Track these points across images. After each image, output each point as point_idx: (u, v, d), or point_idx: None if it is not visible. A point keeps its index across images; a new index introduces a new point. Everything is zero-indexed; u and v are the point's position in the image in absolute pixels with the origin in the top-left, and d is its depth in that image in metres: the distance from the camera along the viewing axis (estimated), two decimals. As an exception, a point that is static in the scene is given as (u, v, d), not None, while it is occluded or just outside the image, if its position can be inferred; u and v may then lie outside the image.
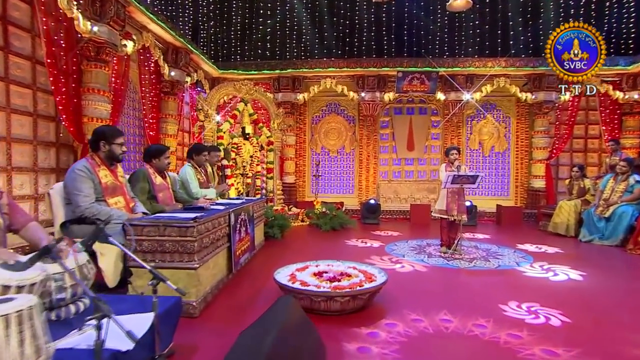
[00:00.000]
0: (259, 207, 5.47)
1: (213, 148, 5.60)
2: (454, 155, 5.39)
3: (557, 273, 4.41)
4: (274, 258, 4.96)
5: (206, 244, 3.09)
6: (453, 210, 5.34)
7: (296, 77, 9.52)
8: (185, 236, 2.83)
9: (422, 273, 4.32)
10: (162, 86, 7.41)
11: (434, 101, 9.78)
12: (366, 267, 3.58)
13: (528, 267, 4.67)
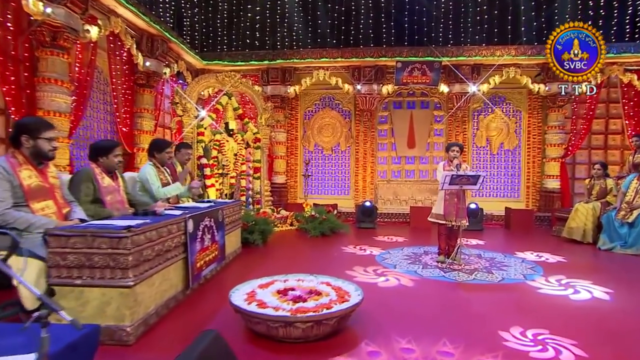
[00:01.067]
0: (234, 210, 5.11)
1: (182, 145, 5.25)
2: (454, 153, 5.00)
3: (577, 290, 3.92)
4: (247, 269, 4.61)
5: (148, 256, 2.74)
6: (452, 214, 4.95)
7: (286, 68, 9.18)
8: (118, 248, 2.48)
9: (409, 288, 3.92)
10: (136, 78, 7.09)
11: (437, 94, 9.39)
12: (342, 282, 3.20)
13: (543, 281, 4.21)
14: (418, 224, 8.21)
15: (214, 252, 4.13)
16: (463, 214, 4.97)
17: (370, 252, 5.71)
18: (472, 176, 4.75)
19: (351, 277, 4.16)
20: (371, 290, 3.71)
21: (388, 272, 4.46)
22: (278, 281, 3.25)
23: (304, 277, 3.38)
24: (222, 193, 7.87)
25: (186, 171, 4.71)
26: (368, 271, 4.48)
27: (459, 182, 4.77)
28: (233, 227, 5.09)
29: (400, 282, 4.11)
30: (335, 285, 3.16)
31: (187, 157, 5.24)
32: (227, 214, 4.76)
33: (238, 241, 5.37)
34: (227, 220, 4.80)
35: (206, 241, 3.89)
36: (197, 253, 3.64)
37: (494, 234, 7.76)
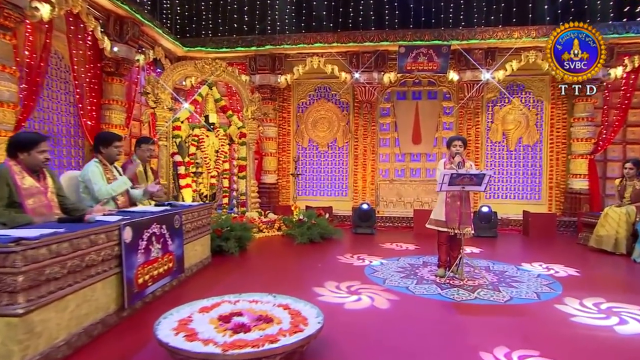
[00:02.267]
0: (199, 215, 4.74)
1: (143, 140, 4.92)
2: (456, 148, 4.57)
3: (624, 319, 3.32)
4: (211, 283, 4.25)
5: (55, 274, 2.37)
6: (454, 220, 4.52)
7: (276, 55, 8.81)
8: (4, 266, 2.11)
9: (383, 311, 3.45)
10: (103, 65, 6.77)
11: (446, 82, 8.93)
12: (304, 305, 2.80)
13: (577, 306, 3.62)
14: (422, 229, 7.63)
15: (167, 265, 3.76)
16: (467, 220, 4.53)
17: (361, 262, 5.30)
18: (475, 175, 4.31)
19: (317, 296, 3.78)
20: (335, 313, 3.31)
21: (364, 290, 4.02)
22: (227, 302, 2.87)
23: (260, 297, 2.99)
24: (201, 194, 7.56)
25: (135, 165, 4.33)
26: (341, 288, 4.06)
27: (460, 183, 4.34)
28: (199, 233, 4.73)
29: (373, 302, 3.66)
30: (294, 308, 2.75)
31: (149, 153, 4.91)
32: (188, 219, 4.40)
33: (206, 250, 5.01)
34: (190, 227, 4.44)
35: (154, 252, 3.52)
36: (139, 266, 3.27)
37: (509, 241, 7.29)
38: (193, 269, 4.53)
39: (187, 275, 4.31)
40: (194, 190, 7.27)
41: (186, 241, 4.31)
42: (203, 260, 4.87)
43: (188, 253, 4.39)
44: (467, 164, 4.69)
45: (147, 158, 4.89)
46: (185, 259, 4.27)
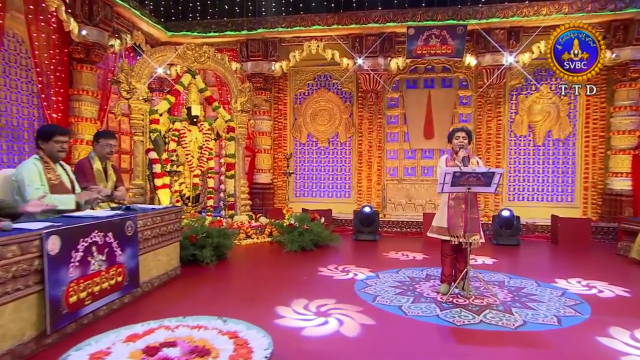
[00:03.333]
0: (165, 220, 4.45)
1: (102, 134, 4.65)
2: (460, 141, 4.19)
3: None
4: (171, 300, 3.99)
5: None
6: (458, 227, 4.14)
7: (270, 39, 8.54)
8: None
9: (350, 340, 3.07)
10: (71, 51, 6.56)
11: (463, 68, 8.56)
12: (257, 332, 2.46)
13: (627, 340, 3.11)
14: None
15: (114, 279, 3.48)
16: (475, 227, 4.14)
17: (354, 274, 4.97)
18: (483, 174, 3.90)
19: (278, 318, 3.47)
20: (289, 341, 2.98)
21: (336, 311, 3.65)
22: (165, 328, 2.55)
23: (208, 321, 2.67)
24: (183, 196, 7.31)
25: (93, 195, 3.96)
26: (309, 308, 3.70)
27: (465, 183, 3.96)
28: (163, 241, 4.45)
29: (340, 328, 3.28)
30: (243, 337, 2.42)
31: (109, 149, 4.62)
32: (148, 224, 4.12)
33: (174, 260, 4.72)
34: (150, 234, 4.16)
35: (94, 264, 3.23)
36: (72, 282, 2.98)
37: (533, 251, 6.84)
38: (155, 282, 4.25)
39: (145, 290, 4.04)
40: (174, 191, 7.04)
41: (144, 250, 4.03)
42: (169, 271, 4.58)
43: (147, 264, 4.11)
44: (473, 160, 4.32)
45: (106, 154, 4.61)
46: (143, 271, 3.99)
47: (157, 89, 9.01)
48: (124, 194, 4.82)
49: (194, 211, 7.41)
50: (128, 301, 3.75)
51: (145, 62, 6.76)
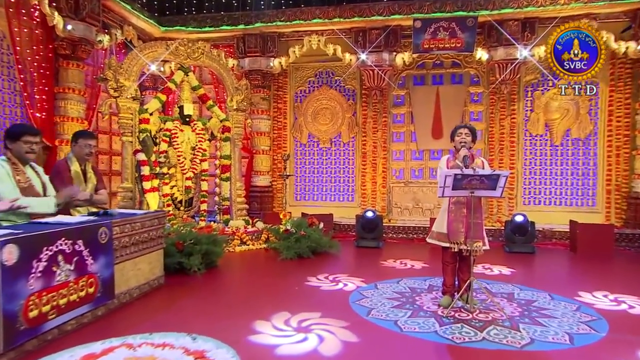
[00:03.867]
0: (145, 225, 4.34)
1: (80, 134, 4.56)
2: (461, 137, 4.03)
3: None
4: (150, 312, 3.87)
5: None
6: (459, 234, 3.99)
7: (268, 34, 8.48)
8: None
9: None
10: (56, 46, 6.52)
11: (474, 63, 8.39)
12: (227, 351, 2.36)
13: None
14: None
15: (85, 290, 3.37)
16: (477, 232, 3.99)
17: (344, 285, 4.83)
18: (487, 176, 3.73)
19: (255, 334, 3.31)
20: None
21: (319, 326, 3.47)
22: (125, 347, 2.45)
23: (176, 338, 2.56)
24: (175, 200, 7.22)
25: (69, 193, 3.87)
26: (290, 323, 3.53)
27: (468, 186, 3.80)
28: (144, 249, 4.33)
29: (319, 345, 3.10)
30: (210, 357, 2.30)
31: (88, 150, 4.52)
32: (126, 231, 4.01)
33: (156, 269, 4.61)
34: (128, 241, 4.05)
35: (60, 275, 3.12)
36: (33, 295, 2.87)
37: (548, 259, 6.62)
38: (134, 292, 4.14)
39: (122, 301, 3.92)
40: (165, 195, 6.95)
41: (121, 259, 3.92)
42: (151, 281, 4.47)
43: (125, 273, 4.00)
44: (478, 160, 4.14)
45: (85, 156, 4.52)
46: (120, 281, 3.88)
47: (150, 87, 8.96)
48: (105, 198, 4.73)
49: (187, 216, 7.32)
50: (102, 314, 3.63)
51: (134, 59, 6.69)
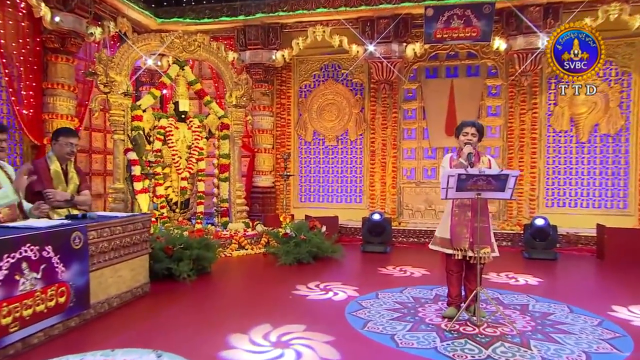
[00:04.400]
0: (127, 229, 4.25)
1: (61, 131, 4.51)
2: (467, 137, 3.86)
3: None
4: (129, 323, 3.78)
5: None
6: (463, 239, 3.82)
7: (270, 25, 8.38)
8: None
9: None
10: (44, 40, 6.50)
11: (491, 54, 8.15)
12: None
13: None
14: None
15: (54, 300, 3.29)
16: (484, 238, 3.82)
17: (340, 294, 4.69)
18: (494, 176, 3.54)
19: (229, 348, 3.20)
20: None
21: (300, 340, 3.33)
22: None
23: (140, 356, 2.43)
24: (170, 201, 7.16)
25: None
26: (269, 337, 3.39)
27: (473, 187, 3.62)
28: (126, 254, 4.25)
29: None
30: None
31: (70, 148, 4.46)
32: (105, 235, 3.93)
33: (141, 276, 4.53)
34: (108, 246, 3.97)
35: (25, 284, 3.04)
36: (-8, 305, 2.79)
37: (572, 266, 6.39)
38: (114, 302, 4.05)
39: (99, 311, 3.83)
40: (159, 196, 6.89)
41: (98, 265, 3.84)
42: (134, 289, 4.38)
43: (104, 281, 3.92)
44: (484, 158, 3.96)
45: (66, 155, 4.45)
46: (98, 289, 3.81)
47: (147, 82, 8.92)
48: (87, 199, 4.66)
49: (183, 218, 7.26)
50: (75, 325, 3.54)
51: (126, 52, 6.65)
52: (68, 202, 4.40)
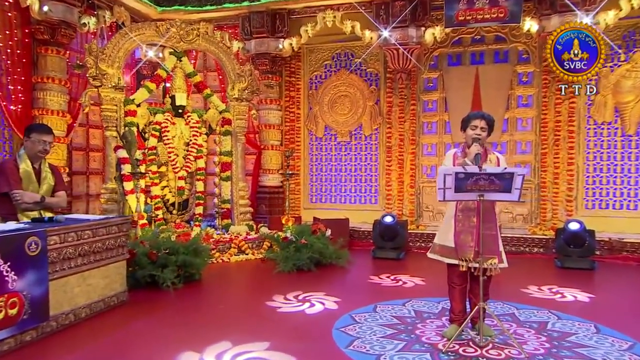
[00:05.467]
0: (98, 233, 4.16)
1: (33, 128, 4.48)
2: (475, 132, 3.58)
3: None
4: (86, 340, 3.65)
5: None
6: (467, 248, 3.51)
7: (276, 11, 8.25)
8: None
9: None
10: (33, 31, 6.54)
11: (522, 36, 7.74)
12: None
13: None
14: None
15: (2, 312, 3.18)
16: (492, 246, 3.54)
17: (317, 305, 4.48)
18: (498, 175, 3.24)
19: None
20: None
21: None
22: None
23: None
24: (167, 202, 7.10)
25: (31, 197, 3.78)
26: (221, 358, 3.19)
27: (474, 187, 3.33)
28: (99, 260, 4.17)
29: None
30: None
31: (42, 146, 4.42)
32: (69, 240, 3.83)
33: (116, 284, 4.42)
34: (74, 252, 3.87)
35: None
36: None
37: (612, 278, 5.98)
38: (82, 312, 3.95)
39: (62, 323, 3.73)
40: (154, 197, 6.85)
41: (62, 273, 3.73)
42: (108, 298, 4.28)
43: (69, 290, 3.82)
44: (492, 156, 3.65)
45: (38, 153, 4.41)
46: (61, 299, 3.72)
47: (148, 75, 8.91)
48: (61, 201, 4.63)
49: (181, 220, 7.18)
50: (31, 339, 3.44)
51: (118, 43, 6.62)
52: (38, 204, 4.36)
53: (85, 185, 8.10)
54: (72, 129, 7.23)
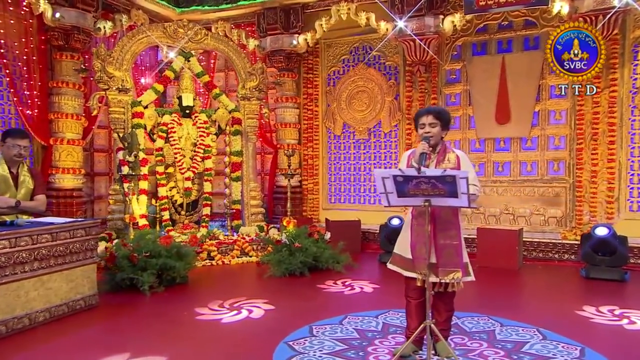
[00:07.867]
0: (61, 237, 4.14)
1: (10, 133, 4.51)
2: (425, 130, 3.20)
3: None
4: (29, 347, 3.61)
5: None
6: (423, 259, 3.08)
7: (290, 7, 8.02)
8: None
9: None
10: (49, 37, 6.74)
11: (554, 20, 7.05)
12: None
13: None
14: (488, 257, 6.28)
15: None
16: (451, 258, 3.12)
17: (243, 312, 4.28)
18: (439, 178, 2.80)
19: None
20: None
21: None
22: None
23: None
24: (174, 203, 7.10)
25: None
26: None
27: (415, 191, 2.90)
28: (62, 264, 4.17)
29: None
30: None
31: (17, 151, 4.46)
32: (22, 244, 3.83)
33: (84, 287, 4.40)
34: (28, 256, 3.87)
35: None
36: None
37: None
38: (39, 317, 3.93)
39: (14, 328, 3.72)
40: (160, 198, 6.86)
41: (13, 277, 3.73)
42: (73, 302, 4.25)
43: (23, 295, 3.82)
44: (451, 155, 3.18)
45: (14, 157, 4.46)
46: (13, 304, 3.72)
47: (163, 76, 8.99)
48: (39, 205, 4.63)
49: (189, 221, 7.15)
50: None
51: (125, 46, 6.69)
52: (13, 209, 4.40)
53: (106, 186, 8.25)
54: (90, 132, 7.40)
